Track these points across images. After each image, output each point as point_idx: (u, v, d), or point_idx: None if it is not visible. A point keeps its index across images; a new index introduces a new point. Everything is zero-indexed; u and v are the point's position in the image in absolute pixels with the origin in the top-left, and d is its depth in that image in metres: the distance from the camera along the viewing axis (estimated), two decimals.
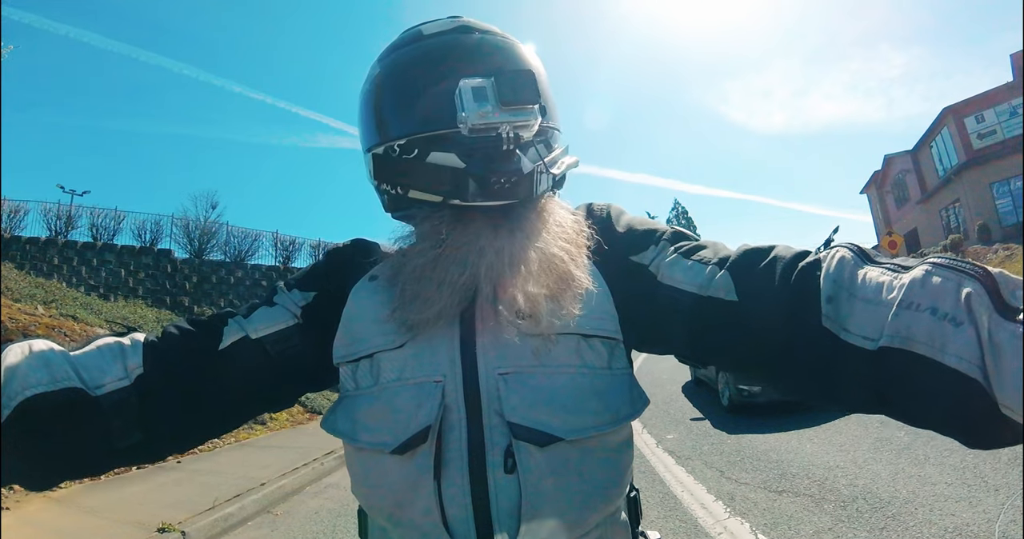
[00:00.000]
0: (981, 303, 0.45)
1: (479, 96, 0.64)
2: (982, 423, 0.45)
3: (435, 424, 0.62)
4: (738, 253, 0.65)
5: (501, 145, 0.66)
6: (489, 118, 0.64)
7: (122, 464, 0.69)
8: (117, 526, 4.07)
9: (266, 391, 0.75)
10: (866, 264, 0.55)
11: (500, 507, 0.61)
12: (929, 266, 0.50)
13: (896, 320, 0.49)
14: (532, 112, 0.65)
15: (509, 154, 0.66)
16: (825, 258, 0.58)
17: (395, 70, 0.75)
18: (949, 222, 23.03)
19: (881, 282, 0.52)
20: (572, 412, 0.63)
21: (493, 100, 0.64)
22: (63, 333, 7.52)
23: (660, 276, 0.68)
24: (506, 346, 0.64)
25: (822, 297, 0.54)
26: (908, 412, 0.52)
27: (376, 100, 0.76)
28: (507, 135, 0.65)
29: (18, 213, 13.22)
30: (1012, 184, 19.29)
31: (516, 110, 0.65)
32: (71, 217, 13.97)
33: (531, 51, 0.78)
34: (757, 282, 0.61)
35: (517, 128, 0.66)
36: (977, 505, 3.35)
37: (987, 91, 20.95)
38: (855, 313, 0.52)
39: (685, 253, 0.69)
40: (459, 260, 0.67)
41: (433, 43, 0.74)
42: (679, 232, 0.74)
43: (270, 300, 0.78)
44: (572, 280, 0.67)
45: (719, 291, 0.63)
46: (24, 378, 0.60)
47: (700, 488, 4.34)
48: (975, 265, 0.48)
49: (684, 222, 53.50)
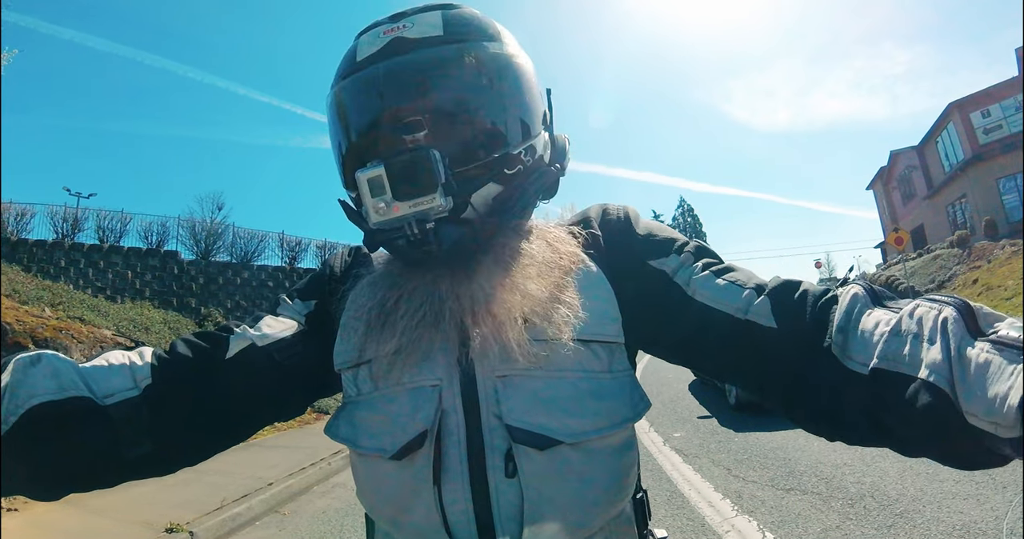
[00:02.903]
0: (955, 325, 0.49)
1: (375, 188, 0.63)
2: (954, 436, 0.48)
3: (432, 428, 0.62)
4: (776, 283, 0.67)
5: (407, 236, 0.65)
6: (386, 214, 0.64)
7: (133, 477, 0.68)
8: (125, 526, 4.10)
9: (275, 398, 0.76)
10: (874, 305, 0.59)
11: (502, 511, 0.60)
12: (920, 300, 0.55)
13: (886, 345, 0.54)
14: (433, 199, 0.63)
15: (420, 242, 0.66)
16: (841, 294, 0.62)
17: (334, 111, 0.74)
18: (955, 218, 22.88)
19: (882, 318, 0.56)
20: (572, 415, 0.63)
21: (388, 192, 0.63)
22: (70, 335, 7.57)
23: (692, 291, 0.68)
24: (504, 351, 0.63)
25: (834, 328, 0.58)
26: (899, 435, 0.54)
27: (332, 139, 0.76)
28: (410, 226, 0.65)
29: (25, 216, 13.26)
30: (1018, 179, 19.14)
31: (414, 203, 0.63)
32: (77, 219, 14.00)
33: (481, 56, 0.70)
34: (792, 312, 0.63)
35: (421, 219, 0.64)
36: (985, 502, 3.34)
37: (992, 86, 20.80)
38: (858, 343, 0.56)
39: (716, 272, 0.69)
40: (415, 306, 0.66)
41: (362, 78, 0.70)
42: (703, 246, 0.74)
43: (274, 310, 0.79)
44: (553, 306, 0.65)
45: (759, 317, 0.64)
46: (32, 386, 0.60)
47: (707, 486, 4.33)
48: (957, 298, 0.53)
49: (690, 220, 53.51)
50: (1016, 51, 20.92)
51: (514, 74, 0.73)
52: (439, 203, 0.63)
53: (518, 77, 0.73)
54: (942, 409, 0.47)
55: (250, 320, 0.77)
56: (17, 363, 0.62)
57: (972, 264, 17.89)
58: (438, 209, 0.64)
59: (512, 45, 0.75)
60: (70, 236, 13.73)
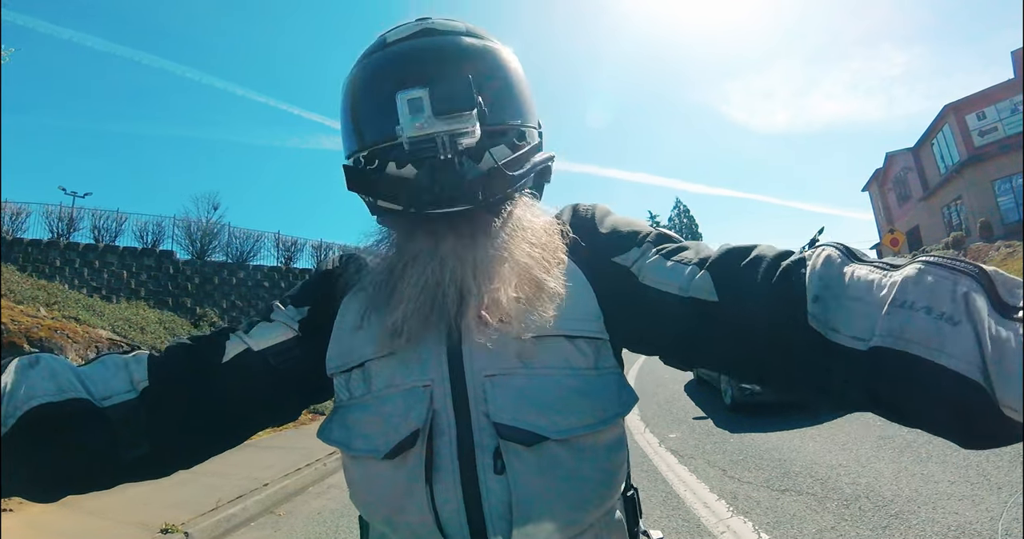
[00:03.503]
0: (979, 302, 0.45)
1: (414, 107, 0.65)
2: (982, 424, 0.45)
3: (423, 427, 0.62)
4: (718, 253, 0.65)
5: (439, 154, 0.66)
6: (425, 129, 0.65)
7: (130, 479, 0.68)
8: (120, 527, 4.09)
9: (270, 403, 0.76)
10: (853, 262, 0.55)
11: (492, 509, 0.61)
12: (921, 264, 0.50)
13: (889, 319, 0.48)
14: (468, 118, 0.65)
15: (450, 162, 0.66)
16: (810, 257, 0.57)
17: (356, 82, 0.76)
18: (951, 219, 22.96)
19: (870, 280, 0.52)
20: (559, 412, 0.63)
21: (428, 110, 0.65)
22: (66, 335, 7.53)
23: (642, 277, 0.68)
24: (492, 350, 0.64)
25: (808, 296, 0.54)
26: (902, 412, 0.51)
27: (344, 112, 0.78)
28: (443, 143, 0.66)
29: (20, 215, 13.22)
30: (1014, 181, 19.21)
31: (451, 118, 0.65)
32: (73, 219, 13.96)
33: (498, 49, 0.77)
34: (738, 282, 0.60)
35: (455, 136, 0.66)
36: (980, 503, 3.34)
37: (988, 88, 20.87)
38: (843, 312, 0.52)
39: (666, 254, 0.69)
40: (420, 266, 0.68)
41: (392, 52, 0.74)
42: (663, 234, 0.74)
43: (267, 316, 0.78)
44: (542, 285, 0.67)
45: (700, 291, 0.62)
46: (30, 388, 0.61)
47: (703, 487, 4.34)
48: (969, 263, 0.48)
49: (686, 221, 53.57)
50: (1012, 53, 21.01)
51: (524, 79, 0.79)
52: (472, 124, 0.66)
53: (526, 84, 0.79)
54: (974, 400, 0.44)
55: (245, 325, 0.78)
56: (16, 365, 0.63)
57: None
58: (471, 131, 0.66)
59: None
60: (65, 235, 13.69)
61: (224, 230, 16.24)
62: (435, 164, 0.67)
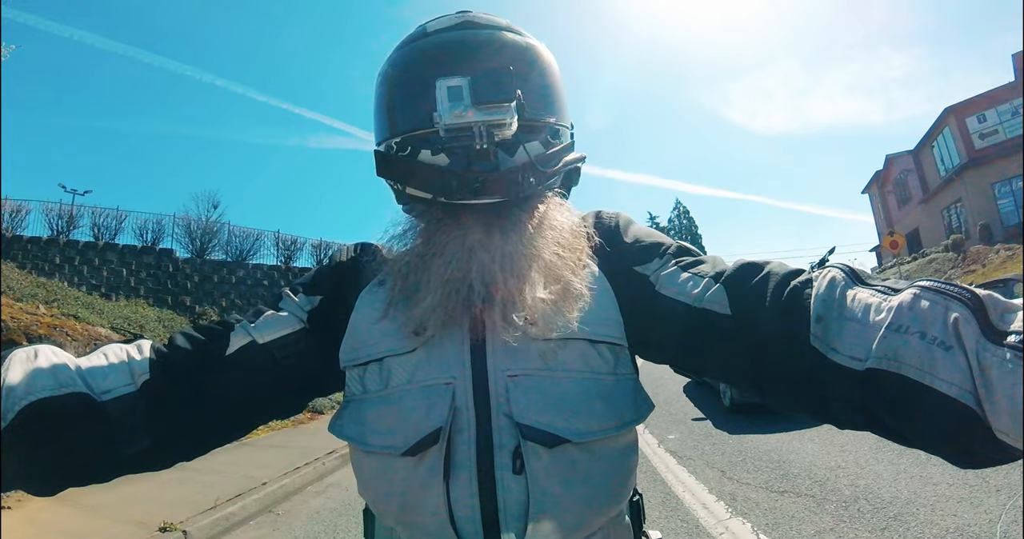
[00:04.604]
0: (968, 327, 0.46)
1: (454, 96, 0.65)
2: (976, 447, 0.46)
3: (446, 426, 0.62)
4: (733, 268, 0.66)
5: (475, 144, 0.66)
6: (463, 118, 0.65)
7: (130, 471, 0.68)
8: (119, 525, 4.08)
9: (273, 397, 0.75)
10: (856, 285, 0.57)
11: (507, 508, 0.61)
12: (917, 289, 0.51)
13: (884, 342, 0.50)
14: (507, 110, 0.65)
15: (485, 153, 0.67)
16: (816, 278, 0.59)
17: (394, 69, 0.76)
18: (951, 222, 22.99)
19: (870, 304, 0.53)
20: (579, 415, 0.64)
21: (468, 99, 0.65)
22: (65, 332, 7.53)
23: (658, 286, 0.69)
24: (515, 350, 0.64)
25: (811, 317, 0.56)
26: (899, 433, 0.52)
27: (379, 98, 0.78)
28: (480, 133, 0.66)
29: (20, 213, 13.22)
30: (1014, 184, 19.25)
31: (490, 109, 0.65)
32: (73, 217, 13.97)
33: (537, 47, 0.78)
34: (750, 297, 0.62)
35: (492, 127, 0.66)
36: (979, 505, 3.34)
37: (989, 91, 20.91)
38: (843, 333, 0.53)
39: (684, 266, 0.70)
40: (447, 257, 0.68)
41: (432, 41, 0.74)
42: (683, 247, 0.75)
43: (276, 305, 0.77)
44: (569, 286, 0.67)
45: (713, 304, 0.64)
46: (29, 383, 0.60)
47: (701, 488, 4.34)
48: (963, 288, 0.49)
49: (686, 222, 53.54)
50: (1012, 56, 21.05)
51: (561, 79, 0.80)
52: (511, 116, 0.66)
53: (563, 83, 0.80)
54: (966, 423, 0.45)
55: (251, 315, 0.77)
56: (15, 359, 0.62)
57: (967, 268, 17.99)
58: (508, 123, 0.66)
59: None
60: (65, 233, 13.69)
61: (224, 228, 16.27)
62: (470, 153, 0.67)
